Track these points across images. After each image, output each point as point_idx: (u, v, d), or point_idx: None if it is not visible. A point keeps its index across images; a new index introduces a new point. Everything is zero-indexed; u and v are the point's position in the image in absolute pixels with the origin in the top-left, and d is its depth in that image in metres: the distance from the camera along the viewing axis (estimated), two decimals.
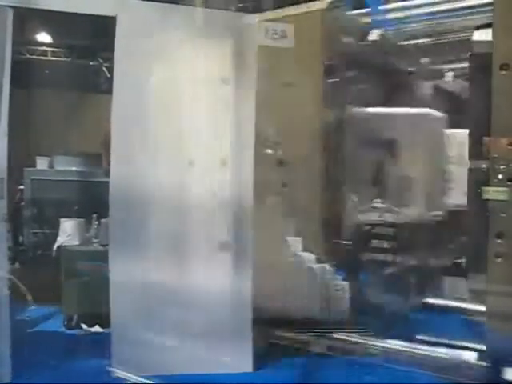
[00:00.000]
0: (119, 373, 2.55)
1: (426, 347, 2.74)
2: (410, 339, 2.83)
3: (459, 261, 3.30)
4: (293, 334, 3.02)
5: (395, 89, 3.73)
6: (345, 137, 3.53)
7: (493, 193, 2.27)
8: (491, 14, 2.29)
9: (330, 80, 3.46)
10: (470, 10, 3.34)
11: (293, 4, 3.37)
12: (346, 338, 3.00)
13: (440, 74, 3.75)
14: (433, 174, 2.79)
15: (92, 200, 3.88)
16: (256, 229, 2.72)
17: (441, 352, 2.73)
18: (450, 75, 3.28)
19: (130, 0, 2.74)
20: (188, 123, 2.78)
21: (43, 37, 5.38)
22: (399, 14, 3.52)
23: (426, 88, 3.75)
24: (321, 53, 3.30)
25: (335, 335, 2.99)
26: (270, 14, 3.27)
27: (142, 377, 2.51)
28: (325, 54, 3.31)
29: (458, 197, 2.84)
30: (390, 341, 2.91)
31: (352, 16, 3.63)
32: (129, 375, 2.53)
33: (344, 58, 3.51)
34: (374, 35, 3.59)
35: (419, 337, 2.87)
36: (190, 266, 2.76)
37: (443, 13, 3.42)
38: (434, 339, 2.84)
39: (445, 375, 2.52)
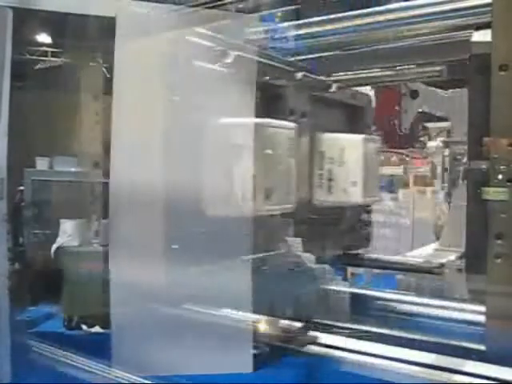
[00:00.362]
0: (119, 373, 2.56)
1: None
2: None
3: None
4: None
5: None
6: None
7: (493, 193, 2.27)
8: None
9: None
10: None
11: None
12: None
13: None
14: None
15: (92, 200, 3.88)
16: None
17: None
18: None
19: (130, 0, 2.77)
20: (189, 122, 2.79)
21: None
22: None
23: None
24: None
25: None
26: None
27: (141, 377, 2.52)
28: None
29: (337, 193, 2.94)
30: None
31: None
32: (128, 375, 2.54)
33: None
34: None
35: None
36: (190, 265, 2.76)
37: None
38: None
39: None
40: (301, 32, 3.26)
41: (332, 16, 3.27)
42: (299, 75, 2.89)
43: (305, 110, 2.91)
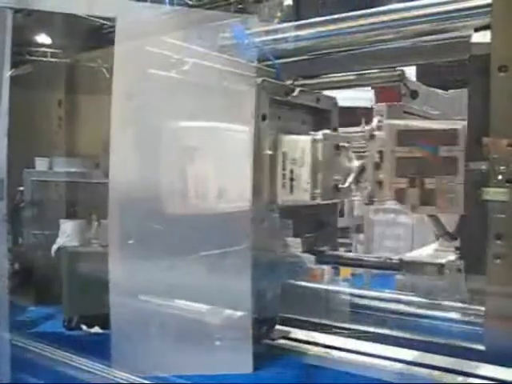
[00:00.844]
0: (119, 373, 2.57)
1: None
2: None
3: None
4: None
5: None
6: None
7: (493, 194, 2.27)
8: None
9: None
10: None
11: None
12: None
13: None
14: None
15: (92, 201, 3.89)
16: None
17: None
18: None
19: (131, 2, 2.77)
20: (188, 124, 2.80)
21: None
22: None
23: None
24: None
25: None
26: None
27: (140, 377, 2.52)
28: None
29: (298, 193, 3.05)
30: None
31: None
32: (128, 375, 2.54)
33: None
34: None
35: None
36: (190, 267, 2.77)
37: None
38: None
39: None
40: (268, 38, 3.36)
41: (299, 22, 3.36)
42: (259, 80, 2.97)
43: (265, 112, 3.02)
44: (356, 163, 2.92)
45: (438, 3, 2.89)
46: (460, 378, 2.52)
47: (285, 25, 3.57)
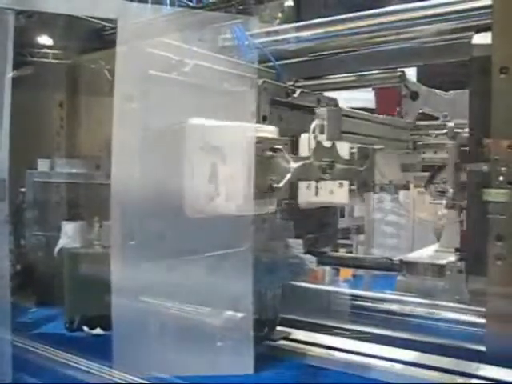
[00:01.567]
0: (119, 374, 2.57)
1: None
2: None
3: None
4: None
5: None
6: None
7: (494, 195, 2.28)
8: None
9: None
10: None
11: None
12: None
13: None
14: None
15: (94, 202, 3.90)
16: None
17: None
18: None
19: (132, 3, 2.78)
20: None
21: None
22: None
23: None
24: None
25: None
26: None
27: (141, 378, 2.53)
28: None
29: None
30: None
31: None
32: (129, 376, 2.54)
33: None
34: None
35: None
36: (190, 267, 2.77)
37: None
38: None
39: None
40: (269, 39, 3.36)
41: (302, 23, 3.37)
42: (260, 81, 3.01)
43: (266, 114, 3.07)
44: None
45: (438, 4, 2.90)
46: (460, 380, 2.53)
47: (286, 26, 3.58)
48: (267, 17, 4.37)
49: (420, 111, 4.14)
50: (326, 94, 3.83)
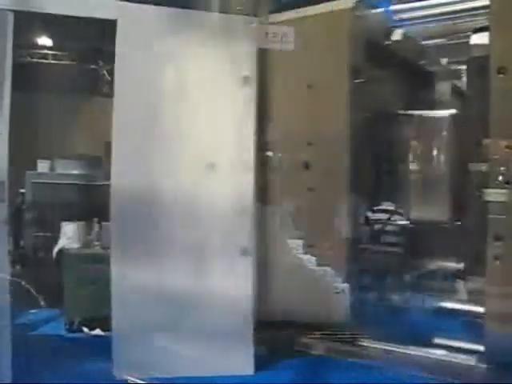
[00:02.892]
0: (120, 375, 2.57)
1: None
2: None
3: None
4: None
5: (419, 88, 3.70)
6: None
7: (493, 194, 2.28)
8: None
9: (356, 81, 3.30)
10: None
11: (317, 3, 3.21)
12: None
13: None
14: None
15: (93, 203, 3.90)
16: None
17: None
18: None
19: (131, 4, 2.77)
20: (189, 125, 2.80)
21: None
22: (416, 14, 3.44)
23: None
24: (346, 53, 3.14)
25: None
26: (287, 15, 3.20)
27: (143, 379, 2.52)
28: (350, 55, 3.15)
29: None
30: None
31: (376, 15, 3.49)
32: (130, 378, 2.54)
33: (370, 59, 3.42)
34: (397, 35, 3.52)
35: None
36: (190, 268, 2.77)
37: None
38: None
39: None
40: None
41: None
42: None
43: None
44: None
45: (437, 4, 2.90)
46: None
47: None
48: None
49: None
50: None
